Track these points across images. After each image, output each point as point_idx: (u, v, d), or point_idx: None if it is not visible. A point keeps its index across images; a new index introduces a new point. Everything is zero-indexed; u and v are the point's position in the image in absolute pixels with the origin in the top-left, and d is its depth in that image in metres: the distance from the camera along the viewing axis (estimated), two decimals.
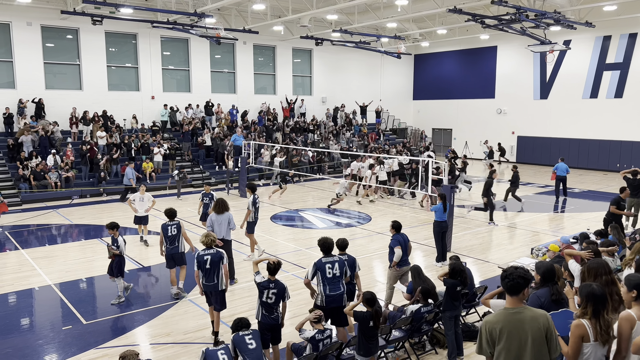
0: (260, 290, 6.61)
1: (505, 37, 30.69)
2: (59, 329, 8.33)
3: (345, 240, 7.73)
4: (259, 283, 6.64)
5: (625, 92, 27.34)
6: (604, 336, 4.14)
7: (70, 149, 21.44)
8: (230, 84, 29.25)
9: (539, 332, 3.83)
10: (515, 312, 3.90)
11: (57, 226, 15.88)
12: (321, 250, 7.25)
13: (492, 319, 3.99)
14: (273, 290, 6.56)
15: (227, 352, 5.63)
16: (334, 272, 7.06)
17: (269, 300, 6.56)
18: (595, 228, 12.66)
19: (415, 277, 7.73)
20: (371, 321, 6.18)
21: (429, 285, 7.57)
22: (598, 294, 4.22)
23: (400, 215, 17.42)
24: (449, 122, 36.19)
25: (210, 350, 5.64)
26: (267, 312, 6.61)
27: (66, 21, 22.96)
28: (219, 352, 5.58)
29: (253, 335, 5.95)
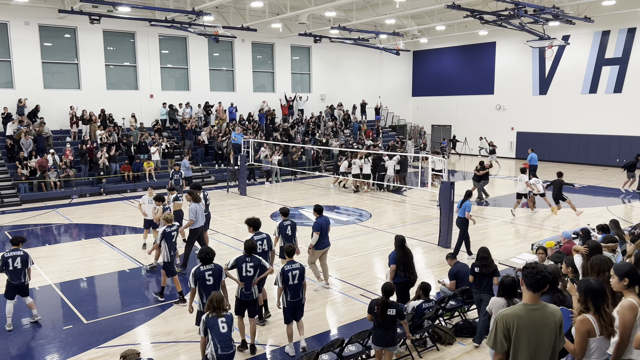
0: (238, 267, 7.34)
1: (504, 33, 30.63)
2: (60, 329, 8.32)
3: (258, 219, 8.68)
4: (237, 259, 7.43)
5: (624, 87, 27.32)
6: (608, 329, 4.15)
7: (70, 148, 21.41)
8: (229, 82, 29.20)
9: (555, 327, 3.88)
10: (535, 308, 3.89)
11: (56, 226, 15.87)
12: (252, 228, 8.51)
13: (509, 313, 3.94)
14: (250, 264, 7.31)
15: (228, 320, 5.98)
16: (264, 247, 8.39)
17: (248, 274, 7.30)
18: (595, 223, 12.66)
19: (397, 248, 8.05)
20: (375, 307, 6.28)
21: (409, 256, 8.01)
22: (596, 288, 4.22)
23: (400, 212, 17.43)
24: (448, 118, 36.16)
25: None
26: (246, 290, 7.32)
27: (64, 20, 22.90)
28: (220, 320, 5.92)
29: (213, 272, 6.99)
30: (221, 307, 5.93)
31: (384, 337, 6.29)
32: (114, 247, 13.19)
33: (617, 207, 17.60)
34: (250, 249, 7.41)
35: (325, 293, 9.78)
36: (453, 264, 8.68)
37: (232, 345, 5.90)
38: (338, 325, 8.41)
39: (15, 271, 8.19)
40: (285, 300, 7.21)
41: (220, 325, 5.83)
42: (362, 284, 10.28)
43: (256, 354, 7.39)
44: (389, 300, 6.29)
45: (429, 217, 16.14)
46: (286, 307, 7.23)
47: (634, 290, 4.47)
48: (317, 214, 9.59)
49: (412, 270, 7.99)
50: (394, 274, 7.93)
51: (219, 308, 5.91)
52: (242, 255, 7.40)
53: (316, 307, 9.08)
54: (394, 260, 7.96)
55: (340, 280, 10.52)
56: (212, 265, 7.06)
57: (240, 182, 21.09)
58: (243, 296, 7.31)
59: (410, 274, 7.95)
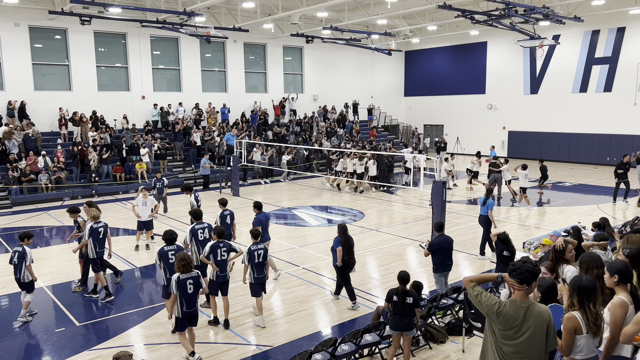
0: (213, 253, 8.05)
1: (495, 33, 30.81)
2: (52, 331, 8.28)
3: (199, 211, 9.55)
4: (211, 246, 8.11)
5: (614, 86, 27.55)
6: (592, 328, 4.18)
7: (60, 150, 21.29)
8: (221, 82, 29.15)
9: (541, 326, 3.85)
10: (524, 305, 3.88)
11: (48, 228, 15.77)
12: (194, 218, 9.31)
13: (500, 298, 3.97)
14: (224, 249, 8.16)
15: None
16: (205, 235, 9.09)
17: (223, 258, 8.12)
18: (585, 221, 12.78)
19: (341, 234, 8.88)
20: (395, 295, 6.66)
21: (350, 242, 8.92)
22: (583, 286, 4.26)
23: (393, 211, 17.47)
24: (440, 118, 36.30)
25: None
26: (221, 272, 8.13)
27: (54, 21, 22.77)
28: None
29: (176, 252, 7.85)
30: (190, 266, 6.81)
31: (402, 322, 6.67)
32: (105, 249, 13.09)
33: (607, 206, 17.74)
34: (221, 234, 8.28)
35: (318, 293, 9.80)
36: (438, 234, 8.81)
37: (195, 303, 6.94)
38: (331, 325, 8.42)
39: (14, 266, 8.53)
40: (252, 277, 8.20)
41: (188, 287, 6.76)
42: (355, 283, 10.27)
43: (252, 354, 7.40)
44: (407, 289, 6.72)
45: (421, 217, 16.20)
46: (253, 282, 8.21)
47: (625, 287, 4.53)
48: (257, 210, 10.23)
49: (352, 254, 8.95)
50: (342, 254, 8.77)
51: (188, 265, 6.79)
52: (215, 242, 8.19)
53: (309, 307, 9.10)
54: (339, 244, 8.81)
55: (333, 280, 10.53)
56: (175, 246, 8.07)
57: (233, 183, 21.05)
58: (219, 278, 8.14)
59: (350, 258, 8.89)
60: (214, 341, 7.83)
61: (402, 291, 6.66)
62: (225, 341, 7.81)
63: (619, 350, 4.49)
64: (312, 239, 13.85)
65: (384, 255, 12.27)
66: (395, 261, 11.75)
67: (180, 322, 6.88)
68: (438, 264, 8.72)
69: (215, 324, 8.27)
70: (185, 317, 6.85)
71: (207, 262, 8.12)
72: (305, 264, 11.52)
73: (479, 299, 3.98)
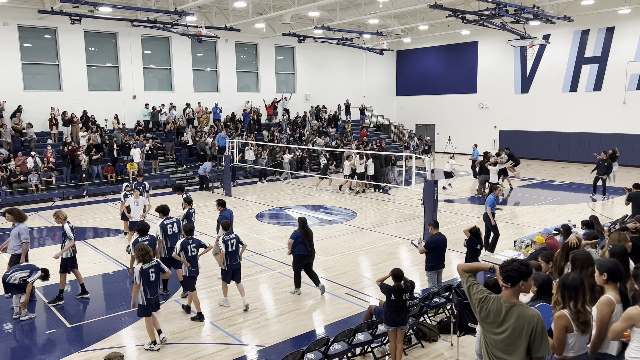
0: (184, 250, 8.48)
1: (486, 33, 30.97)
2: (43, 333, 8.23)
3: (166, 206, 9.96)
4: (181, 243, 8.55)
5: (603, 85, 27.78)
6: (580, 326, 4.21)
7: (51, 150, 21.13)
8: (212, 82, 29.06)
9: (521, 329, 3.73)
10: (507, 305, 3.81)
11: (38, 229, 15.65)
12: (162, 214, 9.75)
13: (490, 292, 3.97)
14: (194, 245, 8.61)
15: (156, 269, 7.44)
16: (174, 229, 9.66)
17: (193, 253, 8.57)
18: (576, 219, 12.88)
19: (300, 227, 9.40)
20: (392, 294, 6.73)
21: (309, 235, 9.40)
22: (570, 284, 4.29)
23: (385, 210, 17.51)
24: (432, 117, 36.42)
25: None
26: (193, 267, 8.58)
27: (44, 21, 22.59)
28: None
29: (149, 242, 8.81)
30: (149, 255, 7.37)
31: (398, 318, 6.76)
32: (97, 250, 13.06)
33: (597, 204, 17.90)
34: (190, 231, 8.72)
35: (311, 292, 9.80)
36: (435, 232, 8.81)
37: (157, 290, 7.55)
38: (324, 324, 8.43)
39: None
40: (226, 264, 8.82)
41: (150, 275, 7.33)
42: (347, 282, 10.32)
43: (244, 353, 7.39)
44: (403, 285, 6.82)
45: (413, 216, 16.25)
46: (226, 269, 8.87)
47: (614, 285, 4.57)
48: (221, 207, 10.59)
49: (312, 246, 9.45)
50: (292, 246, 9.39)
51: (147, 254, 7.34)
52: (185, 239, 8.61)
53: (302, 307, 9.10)
54: (294, 236, 9.38)
55: (326, 279, 10.55)
56: (148, 236, 8.82)
57: (225, 183, 21.01)
58: (191, 273, 8.59)
59: (310, 248, 9.40)
60: (205, 342, 7.82)
61: (399, 288, 6.73)
62: (218, 341, 7.80)
63: (604, 348, 4.54)
64: None
65: (376, 254, 12.30)
66: (388, 260, 11.78)
67: (145, 309, 7.39)
68: (433, 262, 8.74)
69: (200, 319, 8.49)
70: (150, 304, 7.41)
71: (179, 259, 8.52)
72: None
73: (470, 289, 4.01)
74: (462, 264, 4.20)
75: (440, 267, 8.86)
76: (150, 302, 7.39)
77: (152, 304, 7.45)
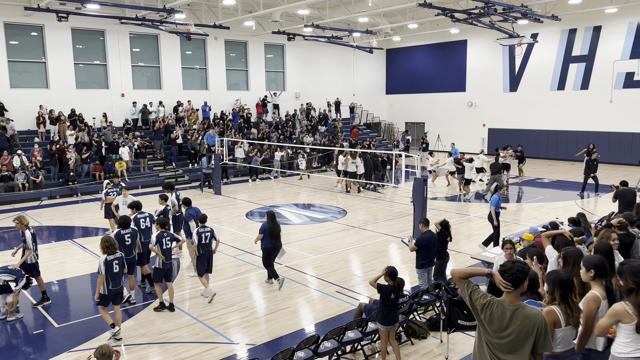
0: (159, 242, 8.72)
1: (474, 31, 31.13)
2: (30, 333, 8.16)
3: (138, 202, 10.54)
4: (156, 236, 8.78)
5: (590, 84, 28.06)
6: (575, 319, 4.27)
7: (38, 149, 20.91)
8: (202, 80, 28.93)
9: (527, 329, 3.77)
10: (512, 308, 3.82)
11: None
12: (135, 209, 10.22)
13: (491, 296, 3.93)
14: (168, 238, 8.89)
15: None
16: (147, 224, 10.04)
17: (167, 246, 8.84)
18: (563, 217, 13.00)
19: (269, 220, 9.81)
20: (392, 293, 6.75)
21: (277, 228, 9.80)
22: (564, 279, 4.35)
23: (375, 208, 17.56)
24: (421, 115, 36.55)
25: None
26: (167, 260, 8.83)
27: (30, 18, 22.31)
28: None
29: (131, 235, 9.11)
30: (114, 247, 7.62)
31: (394, 317, 6.81)
32: (85, 249, 12.96)
33: (584, 201, 18.09)
34: (164, 225, 9.03)
35: (302, 291, 9.81)
36: (425, 230, 8.87)
37: (120, 282, 7.71)
38: (314, 322, 8.45)
39: None
40: (198, 252, 9.23)
41: (114, 267, 7.56)
42: (338, 281, 10.35)
43: (234, 352, 7.39)
44: (400, 282, 6.87)
45: (403, 214, 16.31)
46: (199, 257, 9.25)
47: (600, 282, 4.64)
48: (186, 206, 10.82)
49: (279, 239, 9.82)
50: (260, 240, 9.75)
51: (112, 247, 7.58)
52: (160, 232, 8.87)
53: (292, 305, 9.11)
54: (263, 230, 9.75)
55: (317, 277, 10.57)
56: (130, 229, 9.08)
57: (214, 182, 20.93)
58: (165, 265, 8.80)
59: (276, 242, 9.76)
60: (195, 340, 7.80)
61: (398, 286, 6.78)
62: (207, 340, 7.78)
63: (590, 344, 4.60)
64: (295, 237, 13.85)
65: (366, 252, 12.33)
66: (378, 258, 11.82)
67: (104, 299, 7.61)
68: (423, 260, 8.79)
69: (161, 308, 8.81)
70: (110, 295, 7.63)
71: (155, 251, 8.74)
72: (287, 262, 11.52)
73: (472, 295, 3.93)
74: (457, 270, 4.08)
75: (431, 265, 8.92)
76: (111, 293, 7.60)
77: (113, 294, 7.65)
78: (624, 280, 4.31)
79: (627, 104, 26.75)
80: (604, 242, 5.65)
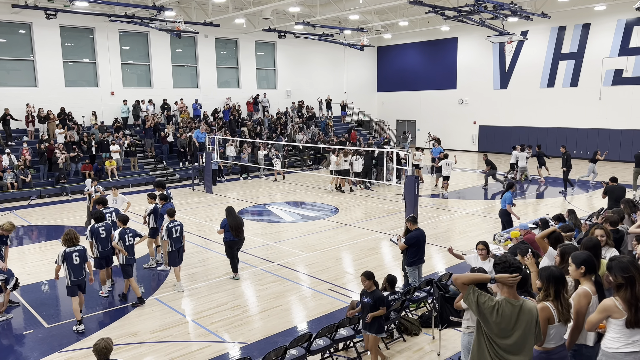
0: (122, 238, 9.05)
1: (465, 29, 31.22)
2: (20, 334, 8.09)
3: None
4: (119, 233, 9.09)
5: (580, 81, 28.26)
6: (566, 315, 4.30)
7: (27, 147, 20.71)
8: (192, 78, 28.78)
9: (531, 322, 3.92)
10: (518, 304, 3.92)
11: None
12: (101, 204, 10.56)
13: (492, 297, 3.97)
14: (130, 235, 9.18)
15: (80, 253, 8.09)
16: (112, 218, 10.28)
17: (130, 242, 9.16)
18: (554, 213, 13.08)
19: (228, 215, 10.14)
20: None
21: (238, 221, 10.08)
22: (558, 275, 4.38)
23: (366, 206, 17.58)
24: (412, 113, 36.63)
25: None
26: (130, 255, 9.16)
27: (18, 15, 22.06)
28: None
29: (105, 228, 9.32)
30: (74, 240, 8.00)
31: (383, 324, 6.75)
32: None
33: (574, 197, 18.23)
34: (125, 221, 9.28)
35: (294, 289, 9.81)
36: (414, 228, 8.84)
37: (82, 273, 8.06)
38: (306, 320, 8.45)
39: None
40: (171, 248, 9.56)
41: (74, 259, 7.93)
42: (330, 278, 10.35)
43: (226, 351, 7.37)
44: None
45: (394, 211, 16.35)
46: (171, 252, 9.59)
47: (590, 278, 4.67)
48: (162, 201, 11.03)
49: (241, 232, 10.12)
50: (223, 233, 10.12)
51: (71, 240, 7.97)
52: (122, 229, 9.14)
53: (284, 303, 9.10)
54: (223, 225, 10.12)
55: (309, 275, 10.57)
56: (104, 223, 9.37)
57: (205, 180, 20.83)
58: (128, 261, 9.07)
59: (237, 235, 10.07)
60: (187, 339, 7.77)
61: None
62: (200, 339, 7.76)
63: (581, 339, 4.64)
64: (287, 235, 13.84)
65: (358, 249, 12.34)
66: (370, 255, 11.84)
67: (70, 289, 8.06)
68: (413, 258, 8.80)
69: (140, 303, 9.04)
70: (74, 285, 8.04)
71: (118, 248, 9.04)
72: (280, 260, 11.51)
73: (479, 299, 3.90)
74: (460, 276, 4.04)
75: (421, 262, 8.93)
76: (74, 284, 8.02)
77: (77, 285, 8.05)
78: (614, 276, 4.34)
79: (616, 101, 26.98)
80: (591, 238, 5.70)
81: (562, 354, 4.41)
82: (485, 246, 7.05)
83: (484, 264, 6.86)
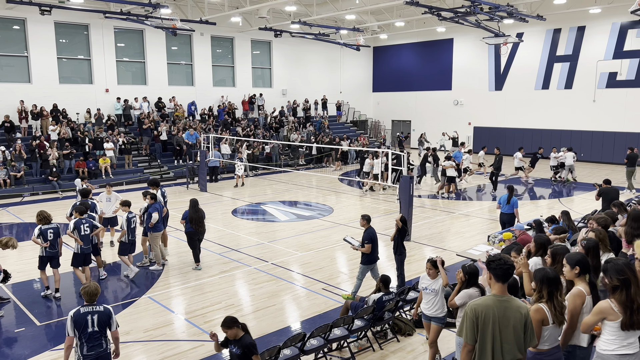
0: (77, 228, 9.35)
1: (461, 30, 31.29)
2: (12, 332, 8.01)
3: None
4: (74, 222, 9.44)
5: (574, 83, 28.39)
6: (559, 317, 4.30)
7: (20, 144, 20.56)
8: (187, 76, 28.67)
9: (521, 321, 3.98)
10: (504, 300, 4.02)
11: (7, 225, 15.22)
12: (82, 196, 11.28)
13: (480, 304, 4.06)
14: (87, 225, 9.53)
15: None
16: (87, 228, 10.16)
17: (86, 232, 9.50)
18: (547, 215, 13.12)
19: (190, 207, 10.55)
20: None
21: (199, 214, 10.51)
22: (552, 277, 4.38)
23: (362, 206, 17.58)
24: (408, 113, 36.67)
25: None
26: (85, 245, 9.48)
27: (12, 11, 21.89)
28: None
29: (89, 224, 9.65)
30: (48, 219, 9.02)
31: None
32: (68, 247, 12.73)
33: (568, 199, 18.30)
34: (82, 212, 9.59)
35: (288, 288, 9.78)
36: (367, 227, 8.84)
37: (56, 248, 9.06)
38: (300, 320, 8.42)
39: None
40: (127, 238, 10.14)
41: (48, 234, 8.96)
42: (324, 278, 10.33)
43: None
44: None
45: (389, 211, 16.36)
46: (126, 242, 10.18)
47: (584, 278, 4.67)
48: (152, 200, 11.02)
49: (201, 225, 10.61)
50: (185, 225, 10.60)
51: (46, 219, 9.00)
52: (78, 219, 9.43)
53: (278, 302, 9.07)
54: (184, 217, 10.60)
55: (303, 275, 10.55)
56: (87, 215, 9.67)
57: (200, 179, 20.77)
58: (83, 250, 9.41)
59: (198, 227, 10.55)
60: (180, 338, 7.73)
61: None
62: (193, 338, 7.72)
63: (575, 340, 4.64)
64: (282, 234, 13.81)
65: (352, 249, 12.28)
66: None
67: (42, 260, 9.06)
68: (371, 256, 8.78)
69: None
70: (46, 257, 9.02)
71: (73, 237, 9.33)
72: (274, 260, 11.48)
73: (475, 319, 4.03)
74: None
75: (377, 260, 8.94)
76: (47, 255, 9.02)
77: (49, 257, 9.03)
78: (609, 278, 4.35)
79: (610, 104, 27.12)
80: (592, 240, 5.71)
81: (557, 355, 4.41)
82: (433, 265, 6.54)
83: (433, 283, 6.59)
